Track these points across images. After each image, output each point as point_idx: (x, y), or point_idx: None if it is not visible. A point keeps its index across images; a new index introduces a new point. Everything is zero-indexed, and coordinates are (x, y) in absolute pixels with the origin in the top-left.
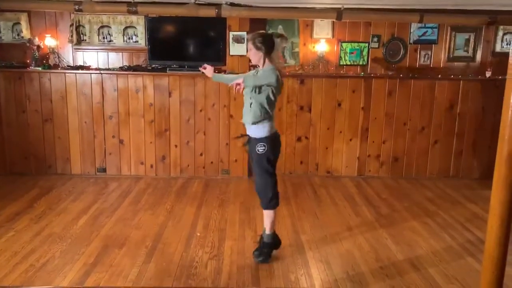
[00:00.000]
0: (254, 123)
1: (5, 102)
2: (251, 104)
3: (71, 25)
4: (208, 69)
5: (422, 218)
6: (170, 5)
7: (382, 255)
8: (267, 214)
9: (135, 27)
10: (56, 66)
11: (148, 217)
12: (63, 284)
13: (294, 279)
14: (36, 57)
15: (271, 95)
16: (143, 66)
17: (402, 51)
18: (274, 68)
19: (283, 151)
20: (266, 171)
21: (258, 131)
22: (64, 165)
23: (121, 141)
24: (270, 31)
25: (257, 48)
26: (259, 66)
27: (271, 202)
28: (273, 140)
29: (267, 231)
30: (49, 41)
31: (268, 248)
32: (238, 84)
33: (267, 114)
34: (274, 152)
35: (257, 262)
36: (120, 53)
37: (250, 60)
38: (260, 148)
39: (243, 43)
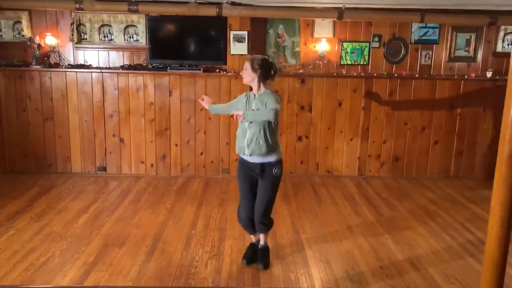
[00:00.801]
0: (271, 151)
1: (6, 100)
2: (258, 136)
3: (72, 23)
4: (205, 100)
5: (422, 218)
6: (171, 4)
7: (382, 255)
8: (265, 232)
9: (136, 26)
10: (56, 65)
11: (148, 216)
12: (63, 283)
13: (294, 278)
14: (37, 55)
15: (277, 121)
16: (143, 65)
17: (403, 51)
18: (272, 94)
19: (283, 150)
20: (276, 193)
21: (272, 155)
22: (65, 163)
23: (121, 140)
24: (271, 60)
25: (253, 69)
26: (251, 89)
27: (270, 222)
28: (282, 165)
29: (266, 241)
30: (49, 40)
31: (269, 254)
32: (239, 114)
33: (275, 139)
34: (281, 176)
35: (261, 268)
36: (121, 52)
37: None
38: (278, 170)
39: (244, 42)
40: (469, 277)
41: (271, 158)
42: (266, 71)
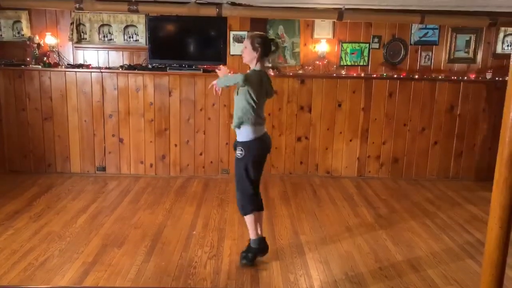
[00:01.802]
0: (236, 126)
1: (5, 100)
2: (234, 110)
3: (72, 23)
4: (222, 70)
5: (422, 219)
6: (171, 4)
7: (381, 256)
8: (246, 220)
9: (136, 26)
10: (56, 65)
11: (147, 216)
12: (62, 283)
13: (294, 279)
14: (37, 55)
15: (249, 98)
16: (143, 65)
17: (402, 52)
18: (256, 71)
19: (282, 151)
20: (243, 176)
21: (240, 134)
22: (64, 163)
23: (121, 140)
24: (271, 37)
25: (253, 48)
26: (250, 68)
27: (247, 208)
28: (253, 147)
29: (251, 237)
30: (49, 40)
31: (252, 253)
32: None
33: (247, 117)
34: (254, 159)
35: (240, 264)
36: (121, 52)
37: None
38: (238, 152)
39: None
40: (468, 279)
41: (238, 136)
42: (266, 50)
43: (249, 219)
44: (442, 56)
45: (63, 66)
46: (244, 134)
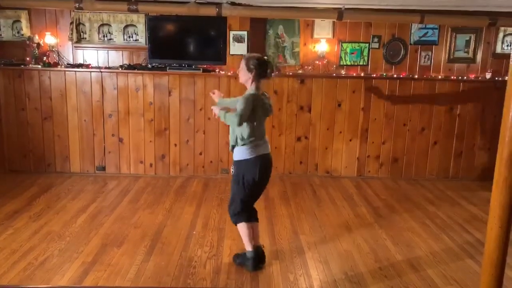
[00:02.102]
0: (232, 147)
1: (5, 99)
2: (233, 129)
3: (71, 23)
4: (216, 94)
5: (421, 219)
6: (170, 4)
7: (381, 256)
8: (239, 229)
9: (136, 26)
10: (56, 64)
11: (147, 216)
12: (62, 282)
13: (293, 279)
14: (36, 55)
15: (243, 123)
16: (143, 64)
17: (402, 52)
18: (250, 98)
19: (282, 151)
20: (234, 190)
21: (235, 153)
22: (63, 163)
23: (120, 140)
24: (266, 58)
25: (248, 69)
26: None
27: (234, 216)
28: (244, 167)
29: (246, 248)
30: (49, 39)
31: (247, 261)
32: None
33: (242, 139)
34: (244, 178)
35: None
36: (120, 52)
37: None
38: (234, 170)
39: (244, 42)
40: (468, 279)
41: (234, 155)
42: (262, 71)
43: (240, 228)
44: (442, 56)
45: (63, 66)
46: (237, 153)
